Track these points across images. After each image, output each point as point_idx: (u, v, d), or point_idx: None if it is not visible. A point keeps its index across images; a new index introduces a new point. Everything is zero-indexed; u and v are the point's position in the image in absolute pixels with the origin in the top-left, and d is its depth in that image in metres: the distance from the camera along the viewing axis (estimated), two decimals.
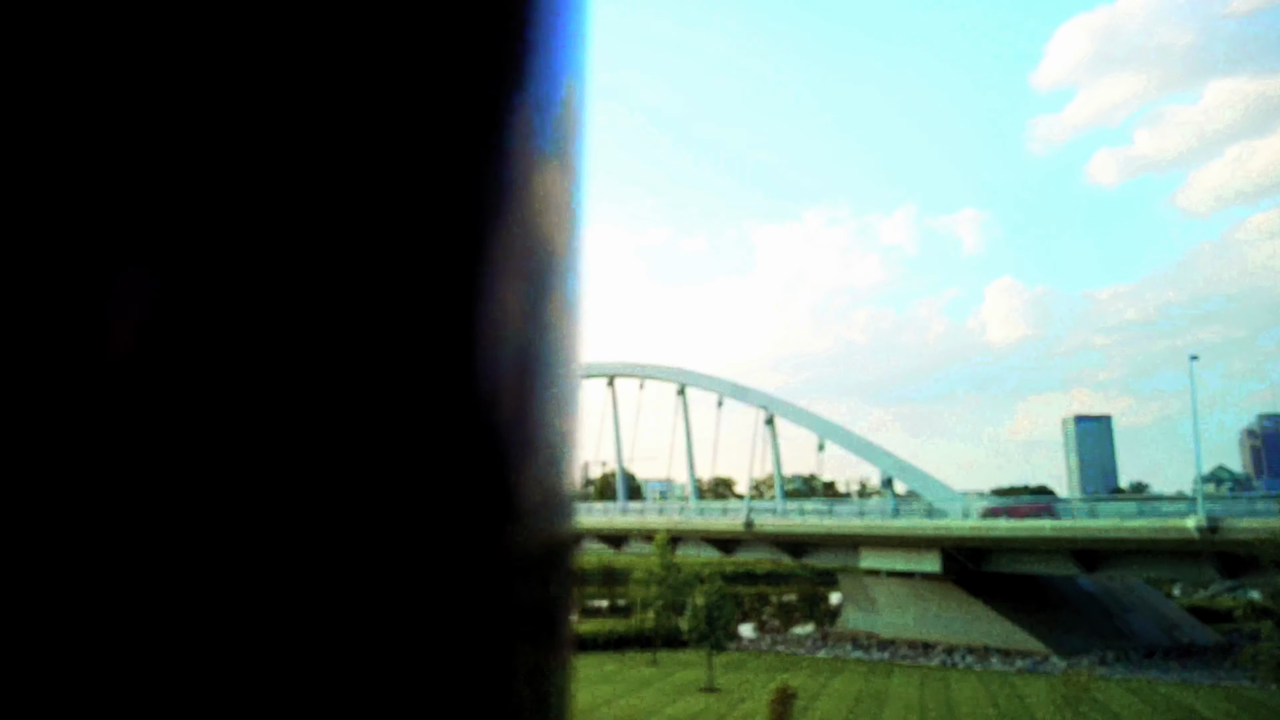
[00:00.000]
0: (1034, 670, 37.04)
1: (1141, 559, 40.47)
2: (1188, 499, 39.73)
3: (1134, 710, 27.69)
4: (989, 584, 45.62)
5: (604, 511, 72.95)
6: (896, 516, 47.44)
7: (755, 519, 53.27)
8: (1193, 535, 34.58)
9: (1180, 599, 60.86)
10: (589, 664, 39.62)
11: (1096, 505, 44.30)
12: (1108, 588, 48.21)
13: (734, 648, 45.51)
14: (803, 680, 33.93)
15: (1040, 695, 29.42)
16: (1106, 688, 31.85)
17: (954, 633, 44.43)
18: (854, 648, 44.55)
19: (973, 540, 43.15)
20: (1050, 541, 40.20)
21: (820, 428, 57.19)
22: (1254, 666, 21.19)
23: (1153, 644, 43.73)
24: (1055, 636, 42.20)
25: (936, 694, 30.86)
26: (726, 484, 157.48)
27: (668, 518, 63.08)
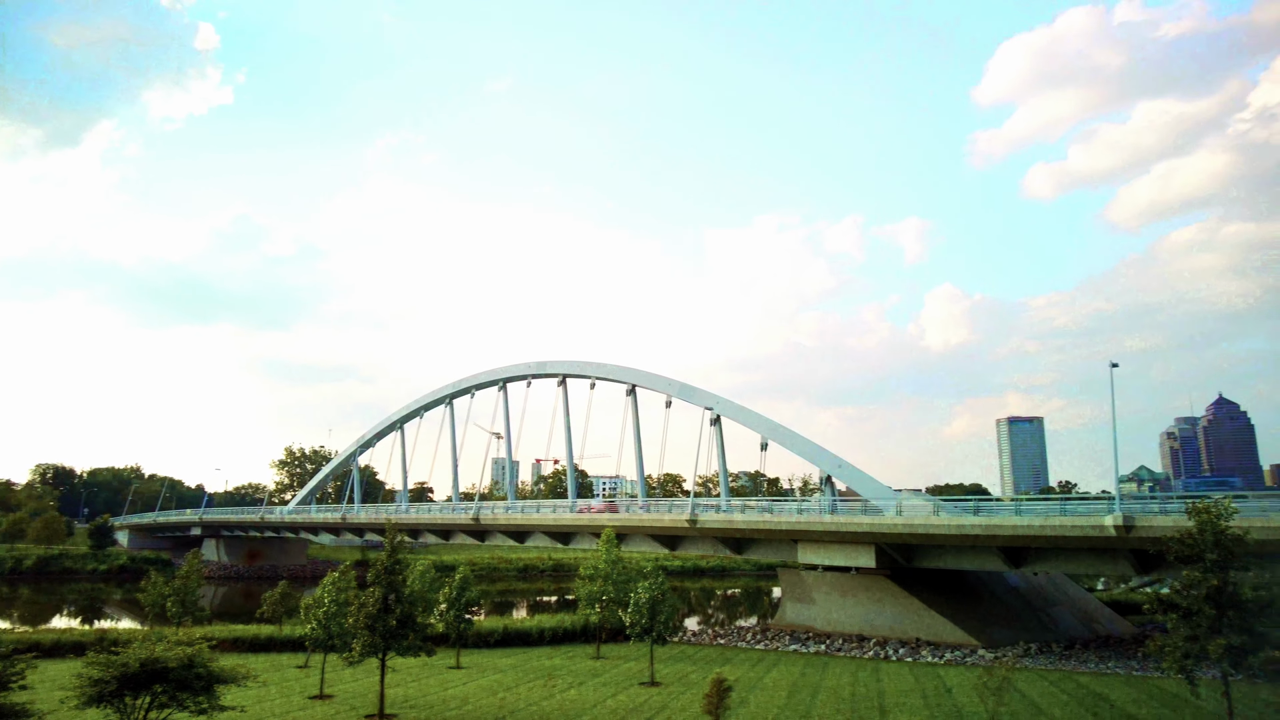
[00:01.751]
0: (962, 662, 38.57)
1: (1064, 555, 42.37)
2: (1110, 498, 41.72)
3: (1051, 698, 29.19)
4: (921, 579, 47.31)
5: (552, 509, 73.27)
6: (834, 513, 48.76)
7: (700, 515, 54.19)
8: (1111, 533, 36.44)
9: (1101, 593, 63.75)
10: (533, 657, 40.02)
11: (1022, 504, 46.12)
12: (1033, 583, 50.34)
13: (677, 641, 46.39)
14: (741, 672, 34.94)
15: (966, 686, 30.80)
16: (1028, 678, 33.51)
17: (887, 626, 45.97)
18: (792, 640, 45.74)
19: (905, 536, 44.61)
20: (979, 538, 41.82)
21: (764, 427, 58.39)
22: (1160, 656, 22.61)
23: (1073, 636, 45.86)
24: (983, 629, 44.01)
25: (868, 685, 32.04)
26: (675, 481, 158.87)
27: (614, 514, 63.73)
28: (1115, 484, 40.88)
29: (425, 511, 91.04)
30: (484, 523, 74.40)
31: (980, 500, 53.40)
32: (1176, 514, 34.62)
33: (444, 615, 38.52)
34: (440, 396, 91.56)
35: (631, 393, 68.20)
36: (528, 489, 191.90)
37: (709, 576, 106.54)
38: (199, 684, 18.34)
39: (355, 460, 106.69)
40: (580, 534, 66.42)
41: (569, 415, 74.66)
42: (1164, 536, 23.79)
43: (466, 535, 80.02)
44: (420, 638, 26.43)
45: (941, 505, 47.14)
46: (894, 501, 48.24)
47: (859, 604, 47.83)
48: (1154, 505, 40.76)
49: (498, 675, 34.52)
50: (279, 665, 36.85)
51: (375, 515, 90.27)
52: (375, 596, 25.52)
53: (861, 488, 52.40)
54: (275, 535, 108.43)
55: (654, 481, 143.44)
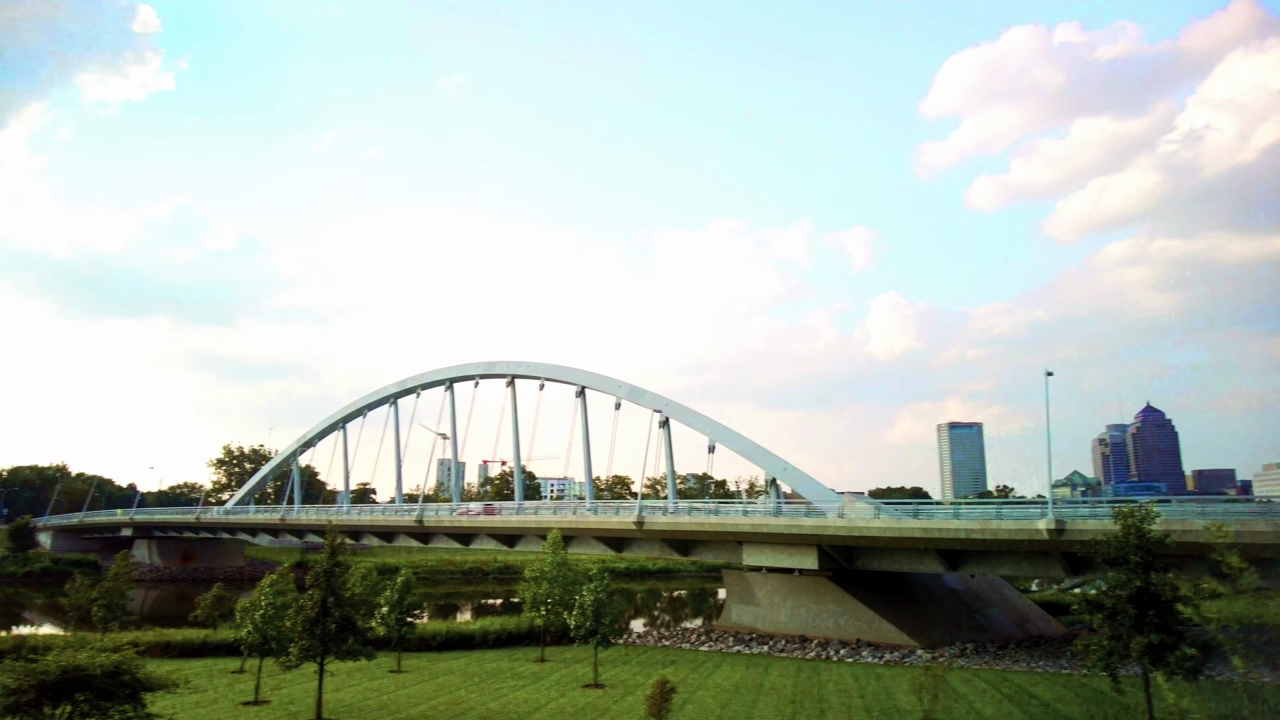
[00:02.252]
0: (901, 662, 39.37)
1: (1000, 558, 43.57)
2: (1044, 502, 43.06)
3: (984, 696, 30.01)
4: (862, 580, 48.18)
5: (498, 510, 72.69)
6: (778, 515, 49.35)
7: (647, 517, 54.34)
8: (1043, 536, 37.63)
9: (1034, 594, 65.72)
10: (477, 661, 39.64)
11: (960, 508, 47.33)
12: (970, 584, 51.65)
13: (622, 643, 46.42)
14: (685, 674, 35.14)
15: (904, 685, 31.46)
16: (963, 677, 34.38)
17: (829, 626, 46.70)
18: (736, 642, 46.15)
19: (847, 538, 45.40)
20: (918, 541, 42.78)
21: (712, 430, 58.82)
22: (1086, 655, 23.42)
23: (1007, 636, 47.17)
24: (921, 630, 45.00)
25: (809, 685, 32.51)
26: (623, 483, 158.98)
27: (562, 516, 63.50)
28: (1049, 489, 42.21)
29: (368, 513, 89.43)
30: (428, 525, 73.41)
31: (920, 504, 54.61)
32: (1104, 518, 35.91)
33: (385, 618, 37.90)
34: (385, 396, 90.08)
35: (581, 394, 68.05)
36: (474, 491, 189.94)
37: (655, 578, 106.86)
38: (125, 692, 17.66)
39: (296, 460, 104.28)
40: (526, 536, 66.02)
41: (517, 416, 74.20)
42: (1092, 540, 24.66)
43: (410, 537, 78.88)
44: (360, 641, 25.99)
45: (882, 508, 48.10)
46: (837, 504, 49.02)
47: (802, 605, 48.49)
48: (1084, 509, 42.25)
49: (440, 679, 34.11)
50: (213, 671, 35.83)
51: (316, 516, 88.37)
52: (314, 599, 25.00)
53: (806, 490, 53.15)
54: (211, 536, 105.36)
55: (602, 483, 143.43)
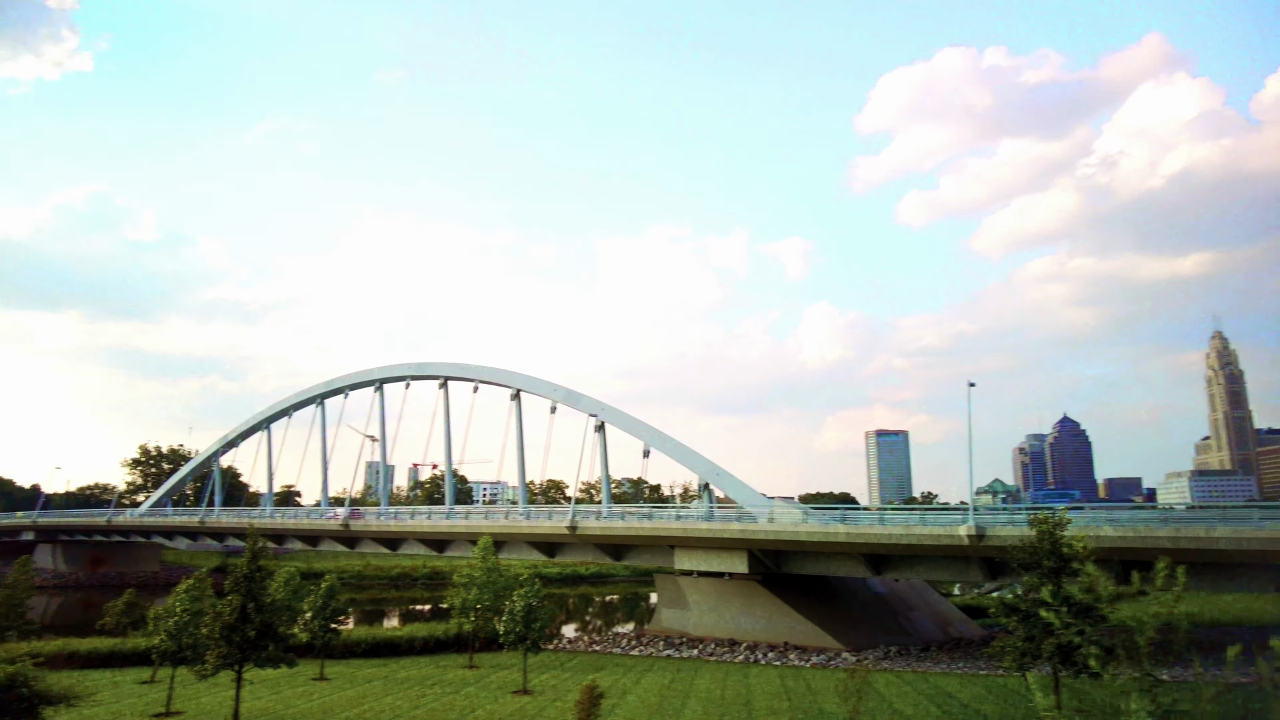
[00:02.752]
0: (827, 665, 40.12)
1: (923, 562, 44.79)
2: (965, 509, 44.46)
3: (906, 698, 30.79)
4: (790, 584, 48.97)
5: (427, 515, 71.45)
6: (710, 520, 49.77)
7: (580, 522, 54.13)
8: (964, 541, 38.86)
9: (956, 598, 67.78)
10: (403, 667, 38.86)
11: (886, 513, 48.52)
12: (894, 588, 52.98)
13: (553, 649, 46.12)
14: (615, 679, 35.10)
15: (829, 688, 32.05)
16: (886, 679, 35.21)
17: (757, 630, 47.30)
18: (666, 646, 46.35)
19: (776, 543, 46.07)
20: (844, 545, 43.68)
21: (647, 435, 58.98)
22: (1002, 656, 24.23)
23: (929, 639, 48.53)
24: (846, 633, 45.95)
25: (737, 688, 32.85)
26: (558, 487, 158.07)
27: (493, 521, 62.81)
28: (970, 495, 43.63)
29: (292, 516, 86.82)
30: (355, 529, 71.70)
31: (847, 509, 55.77)
32: (1022, 524, 37.24)
33: (309, 624, 36.86)
34: (312, 395, 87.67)
35: (516, 398, 67.45)
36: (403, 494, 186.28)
37: (587, 583, 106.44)
38: (21, 705, 16.77)
39: (217, 460, 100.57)
40: (457, 541, 65.06)
41: (449, 419, 73.08)
42: (1009, 545, 25.54)
43: (336, 542, 76.86)
44: (281, 648, 25.21)
45: (810, 513, 48.97)
46: (767, 509, 49.71)
47: (731, 609, 48.98)
48: (1003, 516, 43.72)
49: (364, 686, 33.32)
50: (121, 682, 34.26)
51: (237, 519, 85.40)
52: (233, 605, 24.15)
53: (738, 495, 53.75)
54: (124, 540, 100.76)
55: (537, 488, 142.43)
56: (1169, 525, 37.75)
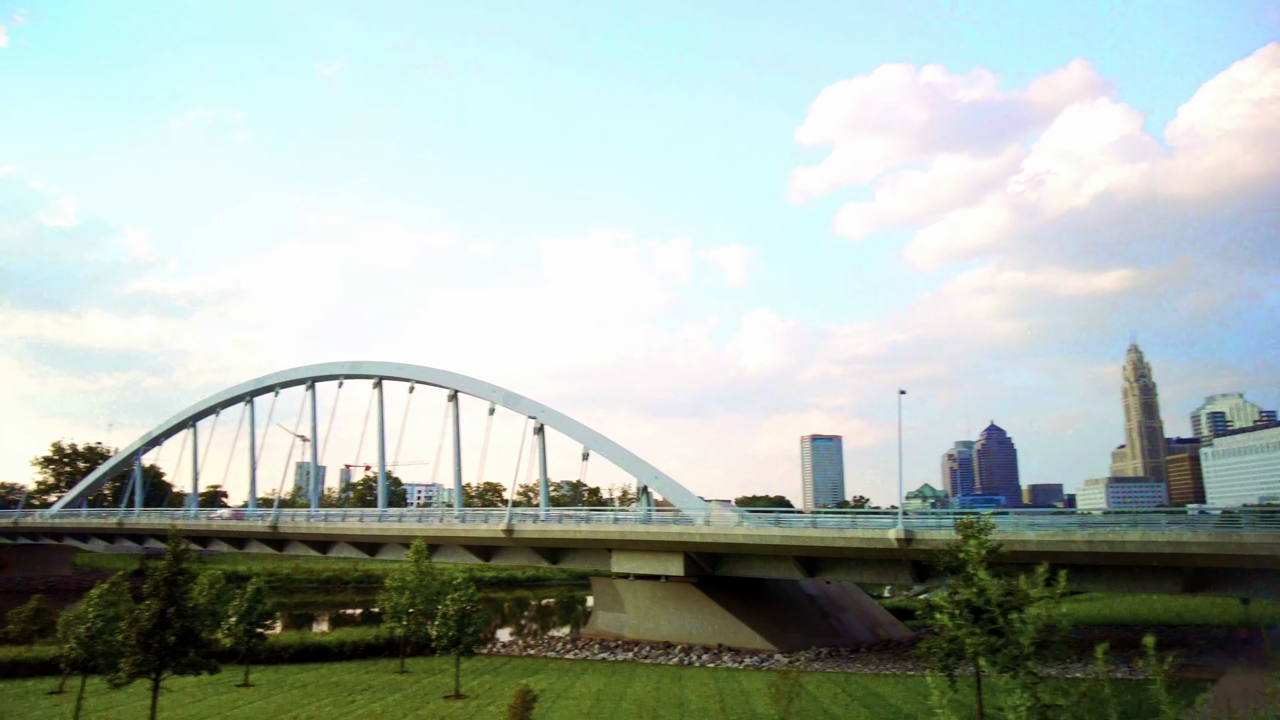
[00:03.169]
0: (759, 667, 40.62)
1: (854, 565, 45.78)
2: (895, 513, 45.60)
3: (835, 699, 31.41)
4: (725, 587, 49.49)
5: (359, 517, 69.97)
6: (648, 523, 49.96)
7: (517, 525, 53.73)
8: (893, 545, 39.85)
9: (886, 600, 69.42)
10: (332, 673, 37.95)
11: (819, 517, 49.46)
12: (826, 590, 54.00)
13: (487, 653, 45.63)
14: (549, 682, 34.94)
15: (761, 689, 32.47)
16: (817, 680, 35.84)
17: (692, 633, 47.65)
18: (601, 649, 46.32)
19: (712, 545, 46.52)
20: (779, 548, 44.37)
21: (587, 437, 58.86)
22: (928, 657, 24.86)
23: (859, 640, 49.59)
24: (779, 635, 46.64)
25: (671, 691, 33.04)
26: (495, 490, 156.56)
27: (427, 524, 61.86)
28: (900, 500, 44.80)
29: (218, 517, 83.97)
30: (283, 531, 69.74)
31: (782, 512, 56.65)
32: (948, 529, 38.41)
33: (233, 629, 35.72)
34: (241, 393, 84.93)
35: (453, 398, 66.57)
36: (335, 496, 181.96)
37: (523, 587, 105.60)
38: None
39: (139, 459, 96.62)
40: (389, 544, 63.88)
41: (383, 419, 71.69)
42: (935, 549, 26.29)
43: (264, 544, 74.63)
44: (203, 654, 24.37)
45: (746, 516, 49.58)
46: (704, 512, 50.15)
47: (667, 611, 49.23)
48: (931, 520, 45.04)
49: (290, 692, 32.45)
50: (26, 693, 32.69)
51: (158, 520, 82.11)
52: (151, 609, 23.24)
53: (675, 498, 54.08)
54: (32, 543, 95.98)
55: (473, 490, 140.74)
56: (1085, 530, 39.41)
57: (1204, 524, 43.81)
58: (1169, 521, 40.27)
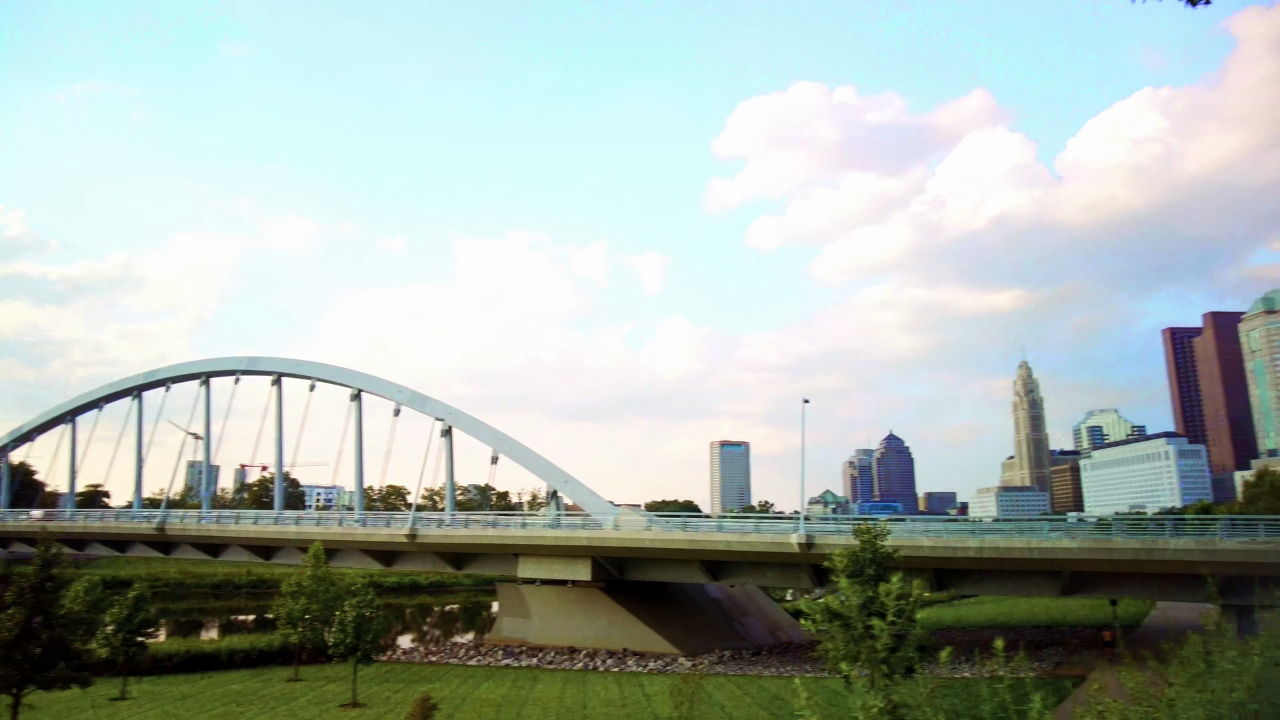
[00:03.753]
0: (663, 670, 40.88)
1: (757, 568, 46.70)
2: (797, 518, 46.75)
3: (736, 701, 31.91)
4: (632, 591, 49.66)
5: (253, 519, 67.04)
6: (557, 527, 49.69)
7: (421, 530, 52.52)
8: (795, 549, 40.86)
9: (788, 603, 71.03)
10: (221, 683, 36.20)
11: (724, 522, 50.25)
12: (730, 594, 54.85)
13: (386, 659, 44.37)
14: (450, 689, 34.25)
15: (663, 693, 32.68)
16: (719, 683, 36.32)
17: (598, 637, 47.60)
18: (505, 655, 45.72)
19: (620, 550, 46.65)
20: (685, 552, 44.84)
21: (496, 440, 58.12)
22: (825, 658, 25.52)
23: (761, 643, 50.56)
24: (683, 638, 47.10)
25: (574, 696, 32.90)
26: (399, 493, 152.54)
27: (326, 527, 59.82)
28: (802, 505, 45.99)
29: (97, 518, 78.95)
30: (171, 533, 66.19)
31: (689, 517, 57.34)
32: (847, 534, 39.61)
33: (110, 638, 33.59)
34: (128, 387, 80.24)
35: (356, 398, 64.63)
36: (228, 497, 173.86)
37: (426, 593, 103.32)
38: None
39: (7, 456, 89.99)
40: (286, 548, 61.46)
41: (281, 418, 68.97)
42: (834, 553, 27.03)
43: (149, 547, 70.66)
44: (74, 666, 22.81)
45: (655, 520, 49.94)
46: (613, 516, 50.24)
47: (573, 616, 49.02)
48: (830, 525, 46.37)
49: (171, 705, 30.74)
50: None
51: (27, 521, 76.57)
52: (15, 619, 21.61)
53: (585, 503, 53.95)
54: None
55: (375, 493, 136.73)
56: (976, 536, 41.35)
57: (1081, 531, 46.68)
58: (1050, 529, 42.73)
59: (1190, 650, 6.86)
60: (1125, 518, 46.57)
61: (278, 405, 68.88)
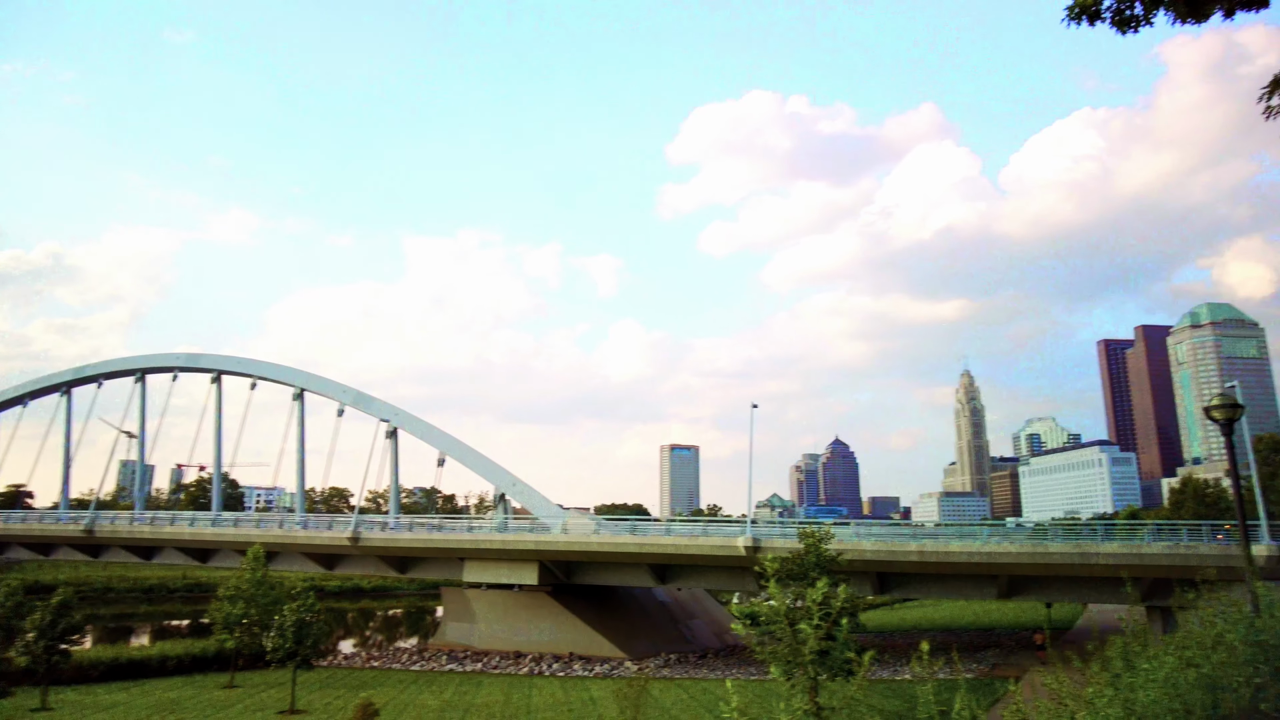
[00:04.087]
0: (609, 674, 40.85)
1: (704, 572, 46.99)
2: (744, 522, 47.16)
3: (681, 704, 32.05)
4: (579, 595, 49.50)
5: (189, 521, 65.05)
6: (504, 531, 49.29)
7: (364, 533, 51.59)
8: (741, 553, 41.21)
9: (735, 606, 71.55)
10: (152, 691, 35.02)
11: (672, 525, 50.47)
12: (677, 597, 55.06)
13: (327, 665, 43.47)
14: (392, 695, 33.71)
15: (609, 697, 32.64)
16: (664, 686, 36.42)
17: (544, 642, 47.31)
18: (450, 660, 45.17)
19: (568, 554, 46.47)
20: (634, 555, 44.89)
21: (443, 443, 57.42)
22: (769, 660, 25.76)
23: (707, 646, 50.85)
24: (629, 642, 47.11)
25: (519, 701, 32.66)
26: (342, 495, 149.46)
27: (266, 530, 58.33)
28: (750, 509, 46.43)
29: (19, 520, 75.69)
30: (100, 535, 63.86)
31: (637, 520, 57.42)
32: (792, 538, 40.10)
33: (31, 647, 32.23)
34: (56, 382, 77.15)
35: (299, 397, 63.24)
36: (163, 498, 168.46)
37: (370, 597, 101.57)
38: None
39: None
40: (223, 551, 59.76)
41: (221, 417, 67.15)
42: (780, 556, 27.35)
43: (76, 550, 68.03)
44: None
45: (603, 524, 49.87)
46: (561, 520, 50.03)
47: (519, 621, 48.64)
48: (777, 529, 46.91)
49: (97, 714, 29.67)
50: None
51: None
52: None
53: (534, 506, 53.62)
54: None
55: (318, 495, 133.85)
56: (916, 540, 42.28)
57: (1018, 536, 48.05)
58: (990, 534, 43.85)
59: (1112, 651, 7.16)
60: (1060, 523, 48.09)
61: (217, 404, 67.07)
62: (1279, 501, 64.32)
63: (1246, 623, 5.08)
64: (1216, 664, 4.66)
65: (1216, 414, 15.60)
